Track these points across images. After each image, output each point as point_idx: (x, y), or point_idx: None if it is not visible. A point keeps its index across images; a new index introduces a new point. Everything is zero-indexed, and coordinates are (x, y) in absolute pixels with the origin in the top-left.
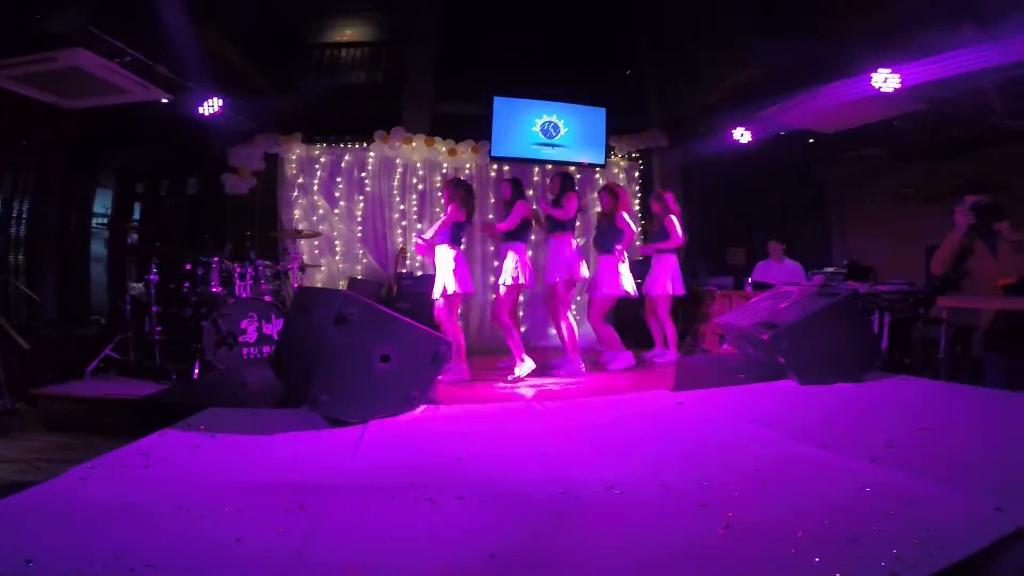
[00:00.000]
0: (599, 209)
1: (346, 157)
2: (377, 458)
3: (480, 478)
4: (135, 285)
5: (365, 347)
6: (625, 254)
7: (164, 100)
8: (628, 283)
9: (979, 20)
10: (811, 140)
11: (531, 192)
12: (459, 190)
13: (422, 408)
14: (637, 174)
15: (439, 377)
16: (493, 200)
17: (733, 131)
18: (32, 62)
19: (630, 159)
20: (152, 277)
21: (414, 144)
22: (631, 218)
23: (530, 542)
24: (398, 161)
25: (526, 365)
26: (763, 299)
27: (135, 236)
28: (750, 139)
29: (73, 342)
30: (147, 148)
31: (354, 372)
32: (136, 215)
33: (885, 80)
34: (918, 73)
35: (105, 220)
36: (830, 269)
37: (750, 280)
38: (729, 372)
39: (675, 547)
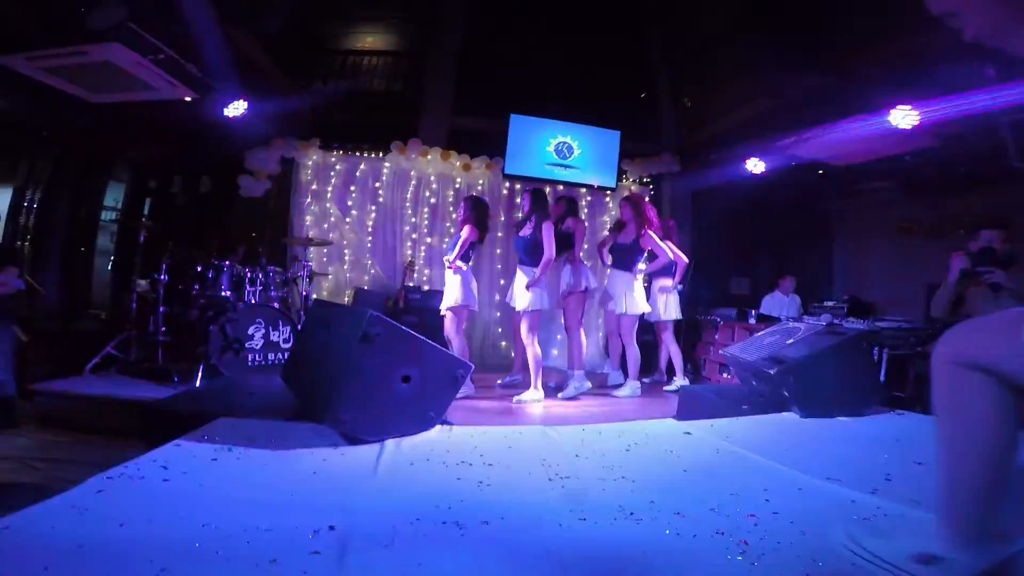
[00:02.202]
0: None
1: (361, 166)
2: (399, 479)
3: (502, 503)
4: (141, 283)
5: (388, 367)
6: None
7: (188, 99)
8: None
9: (1001, 60)
10: (820, 172)
11: None
12: (476, 210)
13: (437, 428)
14: (648, 199)
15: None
16: (504, 218)
17: (746, 161)
18: (65, 55)
19: (641, 183)
20: (161, 277)
21: (430, 157)
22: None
23: (559, 571)
24: (412, 173)
25: (535, 393)
26: (769, 333)
27: (146, 233)
28: (762, 170)
29: (72, 337)
30: (165, 145)
31: (376, 391)
32: (147, 211)
33: (904, 117)
34: (936, 111)
35: (115, 214)
36: (830, 303)
37: (753, 312)
38: (733, 402)
39: (695, 573)
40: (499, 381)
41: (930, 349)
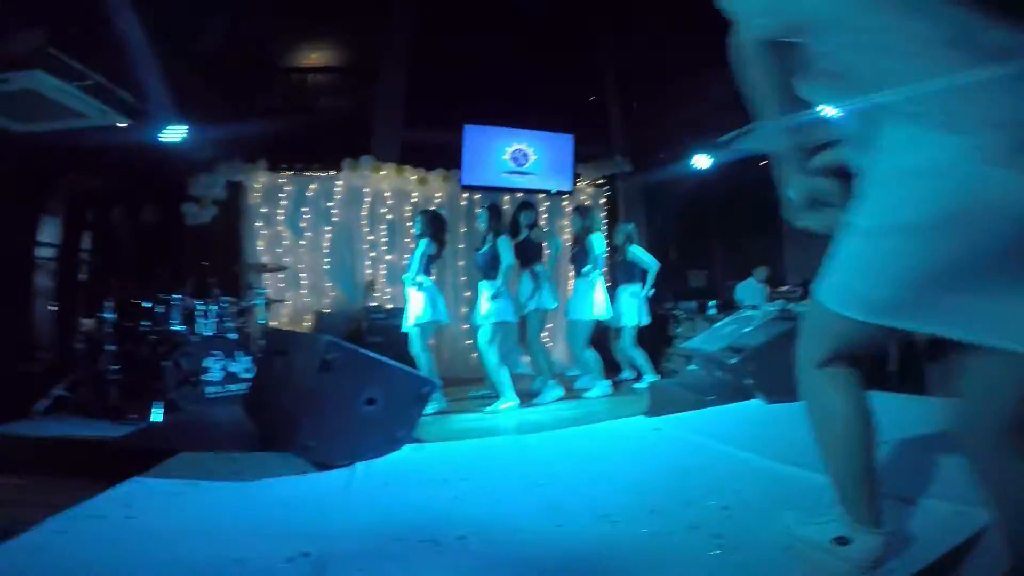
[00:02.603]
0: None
1: (312, 186)
2: (372, 500)
3: (478, 516)
4: (86, 321)
5: (351, 391)
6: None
7: (122, 125)
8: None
9: None
10: (763, 163)
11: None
12: (432, 224)
13: (408, 447)
14: (603, 200)
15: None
16: (465, 229)
17: (693, 157)
18: None
19: (596, 185)
20: (107, 315)
21: (384, 173)
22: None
23: None
24: (367, 190)
25: (507, 402)
26: (725, 324)
27: (87, 270)
28: (710, 165)
29: (17, 380)
30: (102, 176)
31: (340, 416)
32: (88, 246)
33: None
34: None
35: (53, 251)
36: (784, 288)
37: (714, 303)
38: (699, 394)
39: (673, 571)
40: (471, 394)
41: None
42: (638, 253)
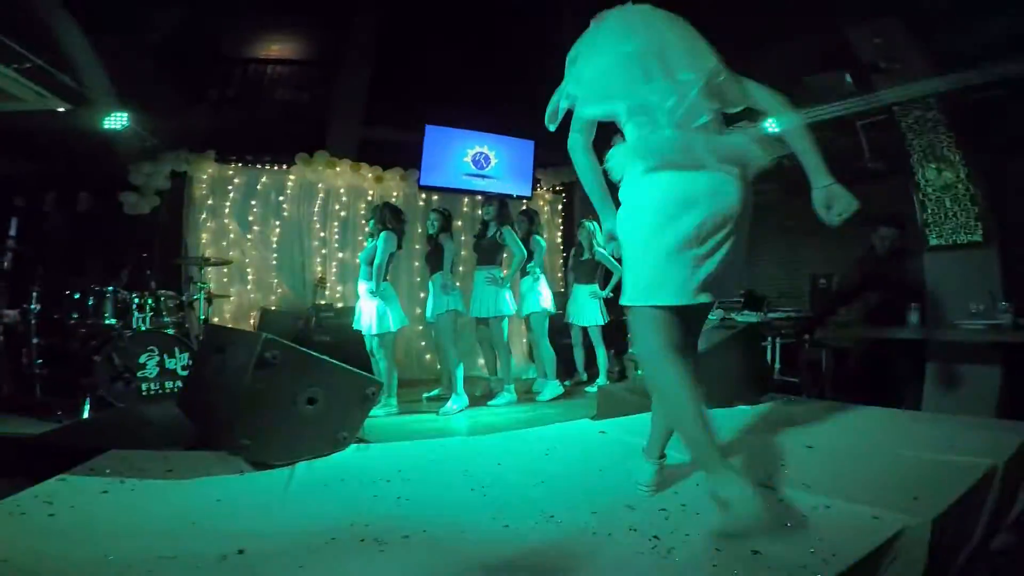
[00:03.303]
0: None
1: (263, 179)
2: (311, 500)
3: (423, 517)
4: (8, 312)
5: (290, 390)
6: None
7: (60, 110)
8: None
9: (852, 71)
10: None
11: (459, 223)
12: (393, 215)
13: (352, 448)
14: (560, 206)
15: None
16: (420, 229)
17: None
18: None
19: (555, 191)
20: (32, 306)
21: (339, 169)
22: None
23: None
24: (320, 186)
25: (461, 401)
26: None
27: (12, 257)
28: None
29: None
30: (34, 160)
31: (279, 416)
32: (14, 232)
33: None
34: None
35: None
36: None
37: None
38: (645, 398)
39: (609, 569)
40: (425, 395)
41: (818, 336)
42: (606, 254)
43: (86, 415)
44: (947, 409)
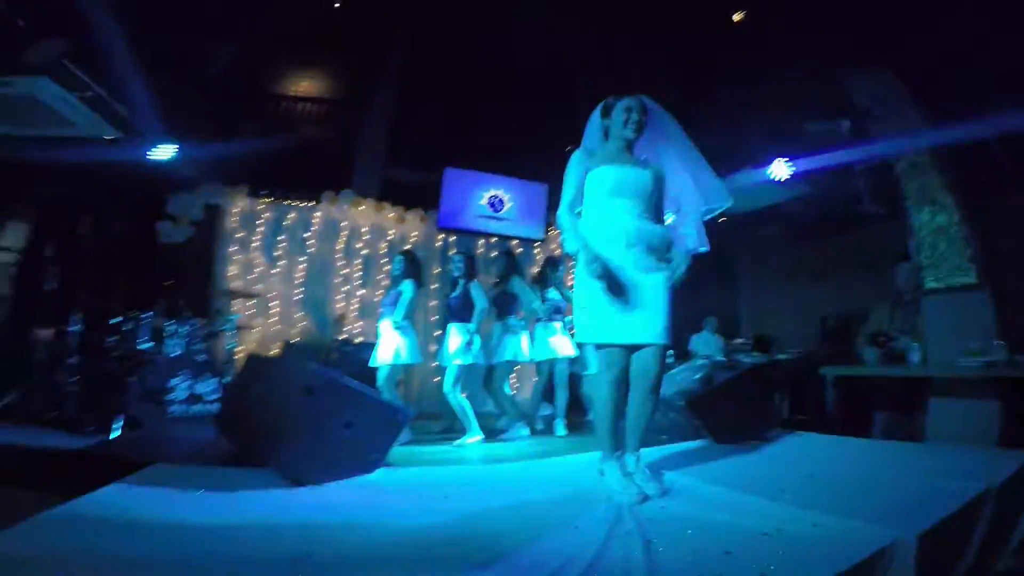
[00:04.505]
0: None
1: (291, 215)
2: (349, 515)
3: (457, 531)
4: (46, 332)
5: (330, 415)
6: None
7: (108, 138)
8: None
9: (853, 120)
10: (723, 219)
11: None
12: (415, 264)
13: (381, 470)
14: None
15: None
16: (439, 270)
17: None
18: None
19: None
20: (71, 328)
21: (363, 208)
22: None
23: None
24: (344, 224)
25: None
26: (681, 371)
27: (52, 279)
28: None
29: None
30: (80, 185)
31: (319, 437)
32: (52, 254)
33: (782, 168)
34: (807, 163)
35: (15, 255)
36: (739, 341)
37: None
38: (653, 433)
39: None
40: (438, 427)
41: (823, 374)
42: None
43: (116, 432)
44: (950, 441)
